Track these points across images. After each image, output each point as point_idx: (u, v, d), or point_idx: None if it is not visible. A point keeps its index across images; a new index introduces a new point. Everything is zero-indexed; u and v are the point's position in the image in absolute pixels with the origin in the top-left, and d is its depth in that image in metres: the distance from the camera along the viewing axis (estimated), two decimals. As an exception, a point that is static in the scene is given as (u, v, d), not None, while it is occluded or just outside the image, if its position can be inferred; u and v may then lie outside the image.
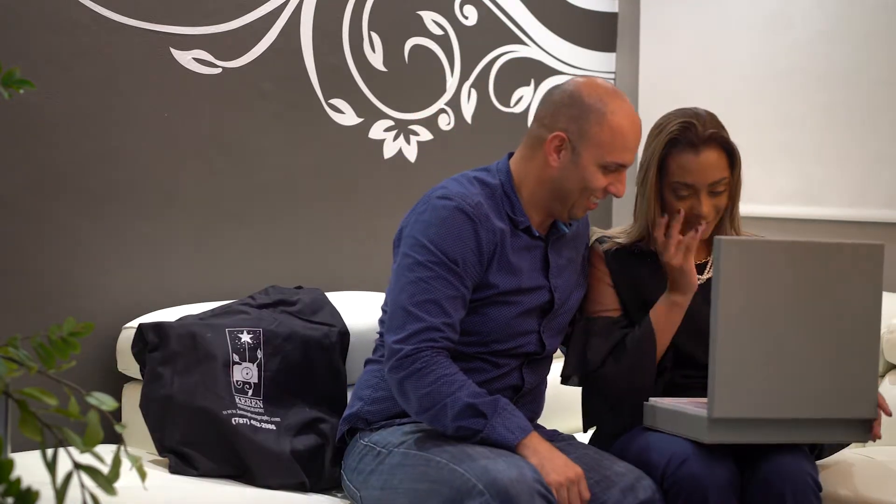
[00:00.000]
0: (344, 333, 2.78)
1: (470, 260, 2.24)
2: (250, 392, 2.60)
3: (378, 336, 2.46)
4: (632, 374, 2.36)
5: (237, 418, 2.53)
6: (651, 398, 2.36)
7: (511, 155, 2.39)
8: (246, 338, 2.65)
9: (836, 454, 2.52)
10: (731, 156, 2.40)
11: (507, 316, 2.31)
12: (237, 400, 2.56)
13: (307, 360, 2.69)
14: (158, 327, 2.60)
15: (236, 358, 2.61)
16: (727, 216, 2.46)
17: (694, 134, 2.37)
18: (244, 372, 2.61)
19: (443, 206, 2.25)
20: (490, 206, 2.28)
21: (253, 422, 2.55)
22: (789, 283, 2.16)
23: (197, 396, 2.52)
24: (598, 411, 2.46)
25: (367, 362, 2.47)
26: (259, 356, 2.64)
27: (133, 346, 2.62)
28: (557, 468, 2.10)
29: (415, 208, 2.32)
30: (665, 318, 2.38)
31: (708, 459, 2.18)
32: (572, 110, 2.26)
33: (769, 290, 2.15)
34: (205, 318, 2.70)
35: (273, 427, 2.56)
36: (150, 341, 2.59)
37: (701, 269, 2.50)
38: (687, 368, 2.42)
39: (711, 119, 2.41)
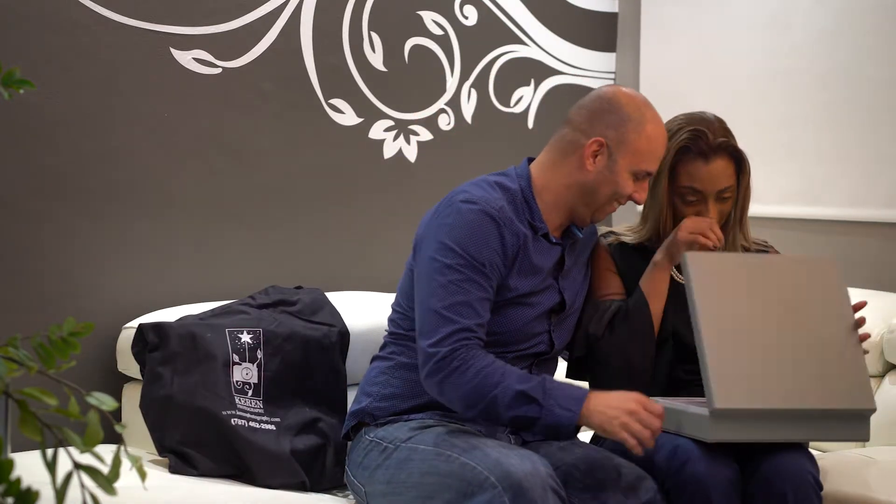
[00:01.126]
0: (344, 333, 2.78)
1: (496, 262, 2.25)
2: (250, 392, 2.60)
3: (386, 333, 2.45)
4: (630, 340, 2.38)
5: (236, 419, 2.53)
6: (651, 398, 2.37)
7: (530, 160, 2.40)
8: (246, 338, 2.64)
9: (836, 454, 2.52)
10: (739, 163, 2.43)
11: (526, 317, 2.32)
12: (237, 400, 2.56)
13: (307, 361, 2.69)
14: (158, 327, 2.60)
15: (236, 358, 2.61)
16: (736, 222, 2.47)
17: (705, 143, 2.40)
18: (244, 372, 2.61)
19: (468, 210, 2.25)
20: (511, 211, 2.29)
21: (252, 423, 2.54)
22: (757, 292, 2.22)
23: (197, 397, 2.52)
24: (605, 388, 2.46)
25: (375, 359, 2.46)
26: (259, 356, 2.64)
27: (133, 346, 2.62)
28: (616, 412, 2.10)
29: (436, 212, 2.31)
30: (651, 280, 2.42)
31: (710, 460, 2.18)
32: (611, 117, 2.30)
33: (740, 297, 2.22)
34: (205, 318, 2.69)
35: (273, 427, 2.56)
36: (150, 341, 2.59)
37: None
38: (689, 363, 2.43)
39: (721, 126, 2.44)
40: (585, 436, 2.64)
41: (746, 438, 2.19)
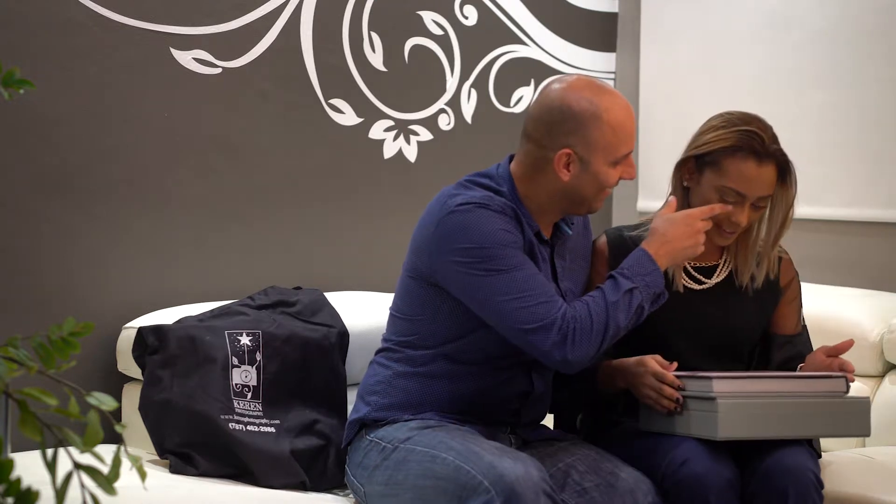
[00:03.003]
0: (343, 334, 2.77)
1: (512, 241, 2.22)
2: (249, 395, 2.59)
3: (384, 338, 2.43)
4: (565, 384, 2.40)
5: (234, 423, 2.52)
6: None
7: (511, 158, 2.36)
8: (245, 340, 2.64)
9: (836, 453, 2.52)
10: (784, 175, 2.37)
11: None
12: (236, 404, 2.56)
13: (306, 362, 2.68)
14: (158, 330, 2.59)
15: (235, 361, 2.60)
16: (772, 232, 2.42)
17: (759, 144, 2.33)
18: (243, 375, 2.60)
19: (468, 210, 2.22)
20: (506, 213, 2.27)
21: (251, 426, 2.54)
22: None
23: (195, 400, 2.52)
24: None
25: (373, 361, 2.44)
26: (258, 359, 2.63)
27: (134, 350, 2.61)
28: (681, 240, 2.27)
29: (434, 223, 2.26)
30: (607, 379, 2.39)
31: (709, 460, 2.18)
32: (568, 125, 2.23)
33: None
34: (204, 320, 2.69)
35: (272, 430, 2.56)
36: (150, 344, 2.59)
37: (710, 272, 2.47)
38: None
39: (773, 133, 2.38)
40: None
41: (752, 435, 2.20)
